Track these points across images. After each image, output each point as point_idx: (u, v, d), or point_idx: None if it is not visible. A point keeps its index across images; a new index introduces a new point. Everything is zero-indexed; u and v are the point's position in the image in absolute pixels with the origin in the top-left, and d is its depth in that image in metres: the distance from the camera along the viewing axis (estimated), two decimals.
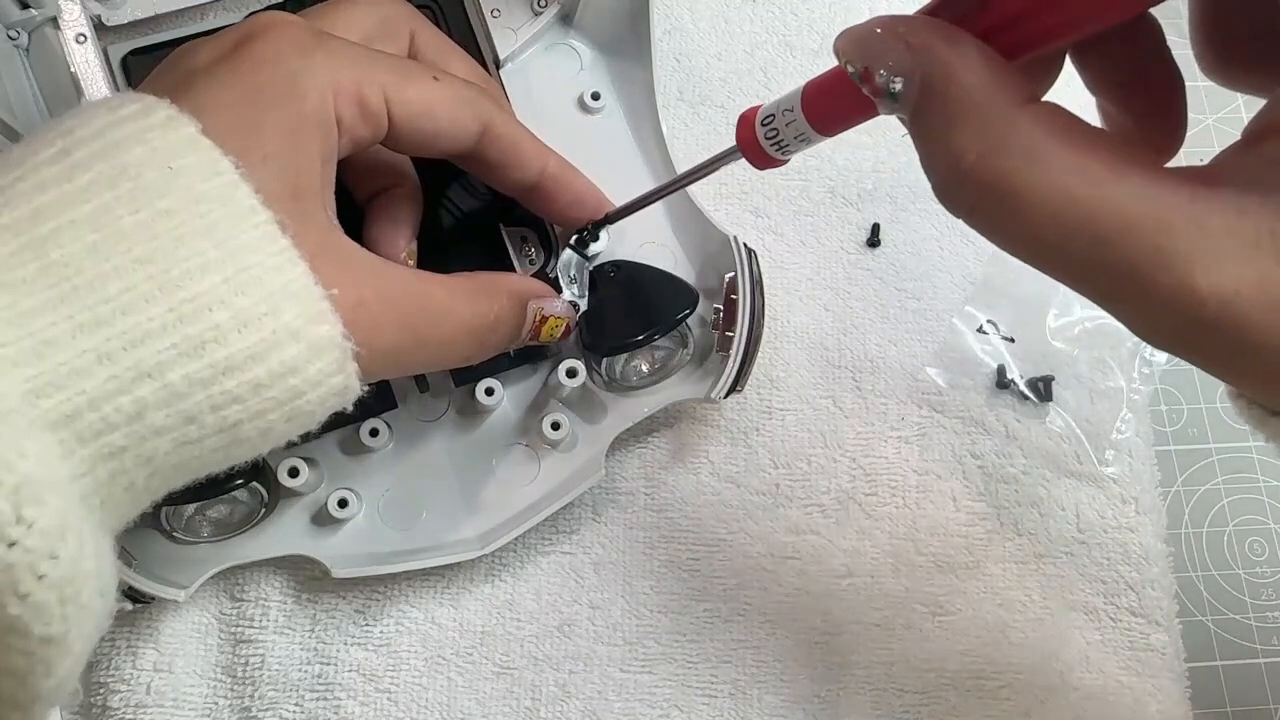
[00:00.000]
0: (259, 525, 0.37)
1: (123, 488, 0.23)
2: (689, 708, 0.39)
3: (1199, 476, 0.46)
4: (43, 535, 0.20)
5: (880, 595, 0.41)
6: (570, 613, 0.40)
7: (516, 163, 0.33)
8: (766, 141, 0.27)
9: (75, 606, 0.21)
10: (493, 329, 0.31)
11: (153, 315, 0.22)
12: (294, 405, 0.24)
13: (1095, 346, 0.44)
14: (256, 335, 0.23)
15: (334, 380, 0.25)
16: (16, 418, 0.20)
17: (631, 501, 0.41)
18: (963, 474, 0.43)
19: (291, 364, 0.24)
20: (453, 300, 0.30)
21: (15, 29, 0.37)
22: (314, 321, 0.24)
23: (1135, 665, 0.41)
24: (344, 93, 0.27)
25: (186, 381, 0.22)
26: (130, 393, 0.22)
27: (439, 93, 0.30)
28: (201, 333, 0.22)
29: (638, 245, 0.41)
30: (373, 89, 0.28)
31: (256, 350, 0.23)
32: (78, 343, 0.21)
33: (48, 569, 0.20)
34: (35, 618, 0.20)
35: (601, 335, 0.38)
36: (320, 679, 0.38)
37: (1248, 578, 0.44)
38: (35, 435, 0.20)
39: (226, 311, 0.23)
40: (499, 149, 0.33)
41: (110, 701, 0.38)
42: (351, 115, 0.28)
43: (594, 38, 0.43)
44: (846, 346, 0.44)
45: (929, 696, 0.40)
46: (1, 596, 0.19)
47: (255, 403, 0.24)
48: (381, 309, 0.27)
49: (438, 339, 0.29)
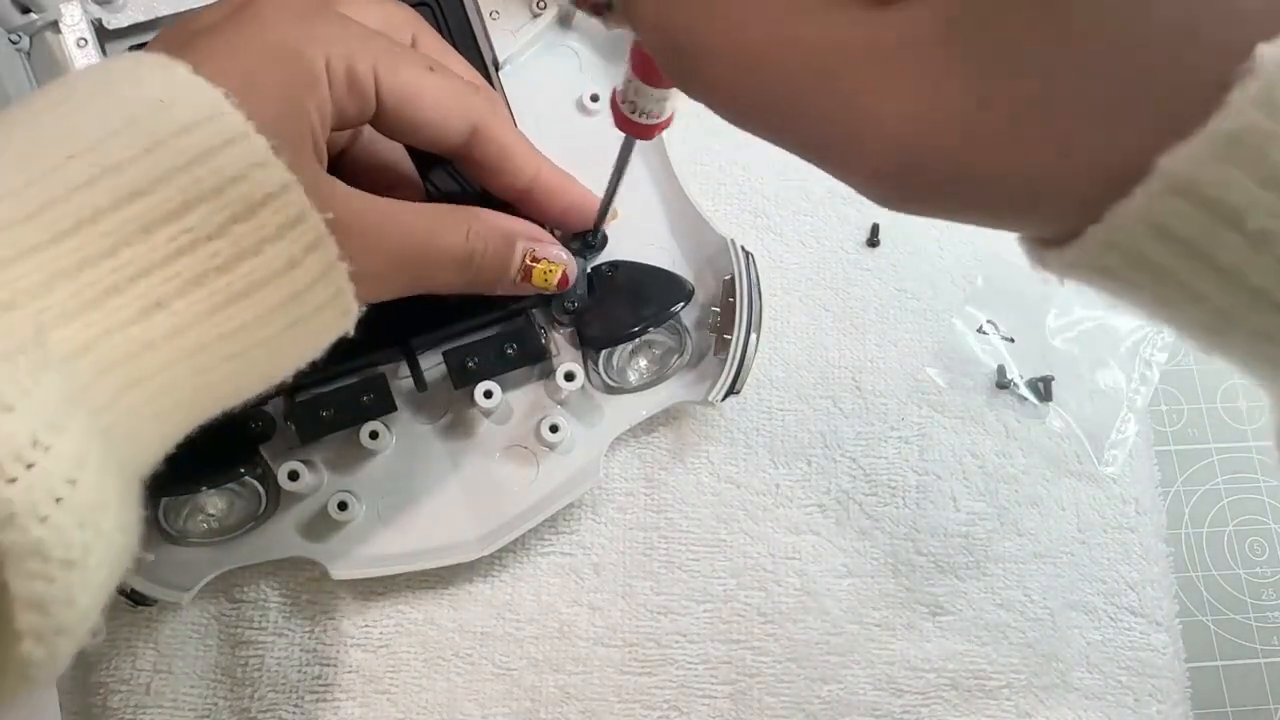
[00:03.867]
0: (259, 528, 0.38)
1: (141, 419, 0.23)
2: (689, 709, 0.39)
3: (1199, 476, 0.46)
4: (59, 460, 0.20)
5: (880, 595, 0.41)
6: (570, 614, 0.40)
7: (508, 168, 0.34)
8: (636, 115, 0.28)
9: (95, 533, 0.21)
10: (473, 256, 0.32)
11: (155, 245, 0.23)
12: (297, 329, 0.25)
13: (1095, 346, 0.44)
14: (258, 261, 0.24)
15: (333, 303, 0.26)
16: (32, 348, 0.20)
17: (631, 501, 0.41)
18: (963, 474, 0.43)
19: (294, 288, 0.25)
20: (434, 222, 0.31)
21: (16, 33, 0.37)
22: (311, 248, 0.25)
23: (1135, 665, 0.41)
24: (336, 62, 0.28)
25: (193, 309, 0.23)
26: (140, 322, 0.23)
27: (430, 82, 0.30)
28: (203, 261, 0.23)
29: (636, 247, 0.41)
30: (364, 64, 0.28)
31: (258, 276, 0.24)
32: (84, 275, 0.22)
33: (65, 493, 0.20)
34: (56, 540, 0.20)
35: (599, 330, 0.38)
36: (319, 680, 0.38)
37: (1248, 578, 0.44)
38: (52, 365, 0.21)
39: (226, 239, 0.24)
40: (489, 152, 0.33)
41: (110, 702, 0.38)
42: (340, 87, 0.28)
43: (593, 39, 0.43)
44: (846, 346, 0.44)
45: (929, 696, 0.40)
46: (21, 519, 0.20)
47: (260, 326, 0.25)
48: (370, 236, 0.28)
49: (420, 260, 0.30)
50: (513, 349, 0.37)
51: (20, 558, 0.20)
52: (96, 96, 0.24)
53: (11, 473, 0.19)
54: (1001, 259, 0.45)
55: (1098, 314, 0.45)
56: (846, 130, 0.17)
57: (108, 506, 0.22)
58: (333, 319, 0.27)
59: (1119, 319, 0.45)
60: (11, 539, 0.19)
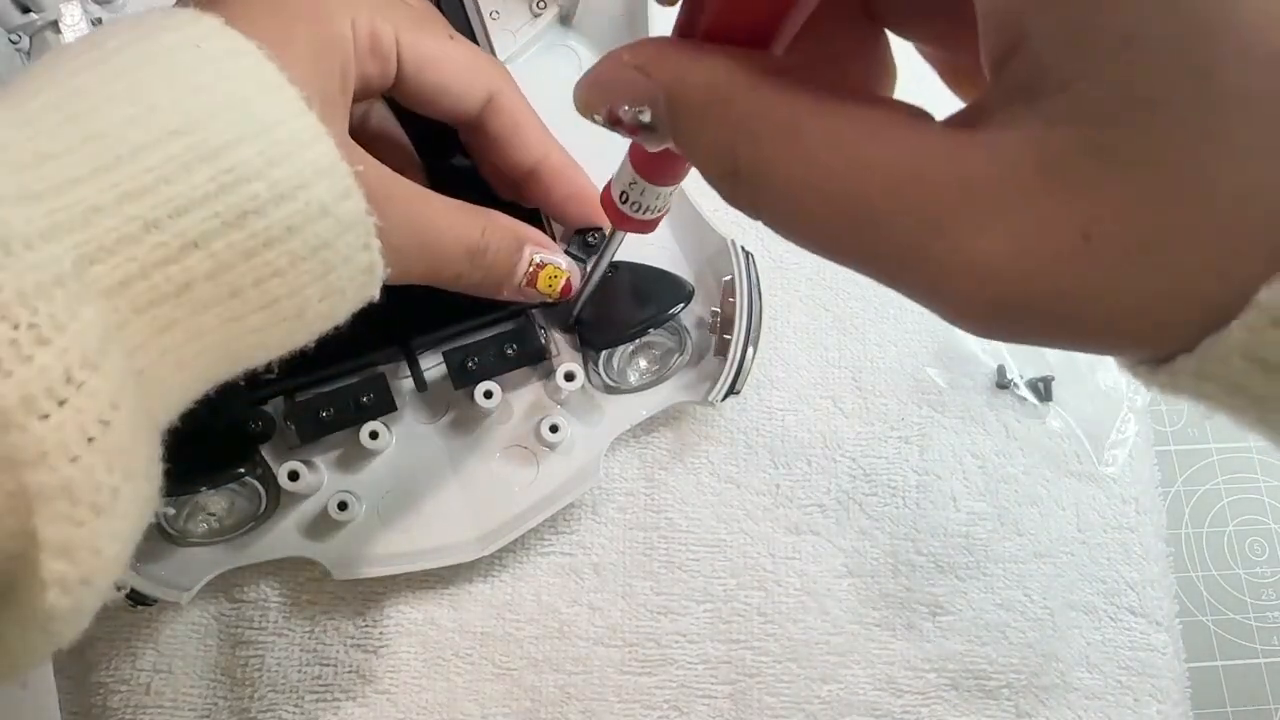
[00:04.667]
0: (260, 528, 0.38)
1: (173, 366, 0.23)
2: (689, 709, 0.39)
3: (1199, 476, 0.46)
4: (94, 398, 0.20)
5: (880, 595, 0.41)
6: (570, 614, 0.40)
7: (518, 142, 0.33)
8: (636, 213, 0.27)
9: (124, 477, 0.21)
10: (486, 252, 0.32)
11: (195, 184, 0.22)
12: (327, 281, 0.25)
13: None
14: (292, 207, 0.23)
15: (361, 257, 0.25)
16: (71, 281, 0.20)
17: (631, 502, 0.41)
18: (963, 474, 0.43)
19: (325, 237, 0.24)
20: (452, 213, 0.31)
21: (17, 33, 0.37)
22: (342, 197, 0.24)
23: (1135, 665, 0.41)
24: (361, 24, 0.28)
25: (231, 251, 0.23)
26: (179, 261, 0.22)
27: (452, 48, 0.31)
28: (242, 203, 0.23)
29: (636, 247, 0.41)
30: (387, 28, 0.29)
31: (293, 222, 0.23)
32: (124, 209, 0.21)
33: (98, 433, 0.20)
34: (86, 482, 0.19)
35: (600, 330, 0.38)
36: (319, 680, 0.38)
37: (1248, 578, 0.44)
38: (91, 300, 0.20)
39: (263, 183, 0.23)
40: (503, 124, 0.33)
41: (110, 702, 0.38)
42: (363, 49, 0.28)
43: (593, 39, 0.43)
44: (846, 346, 0.44)
45: (929, 696, 0.40)
46: (52, 458, 0.19)
47: (293, 276, 0.24)
48: (390, 207, 0.27)
49: (436, 246, 0.30)
50: (513, 349, 0.37)
51: (49, 499, 0.19)
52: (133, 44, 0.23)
53: (44, 409, 0.19)
54: None
55: None
56: (935, 265, 0.16)
57: (138, 452, 0.21)
58: (363, 287, 0.26)
59: None
60: (41, 480, 0.19)
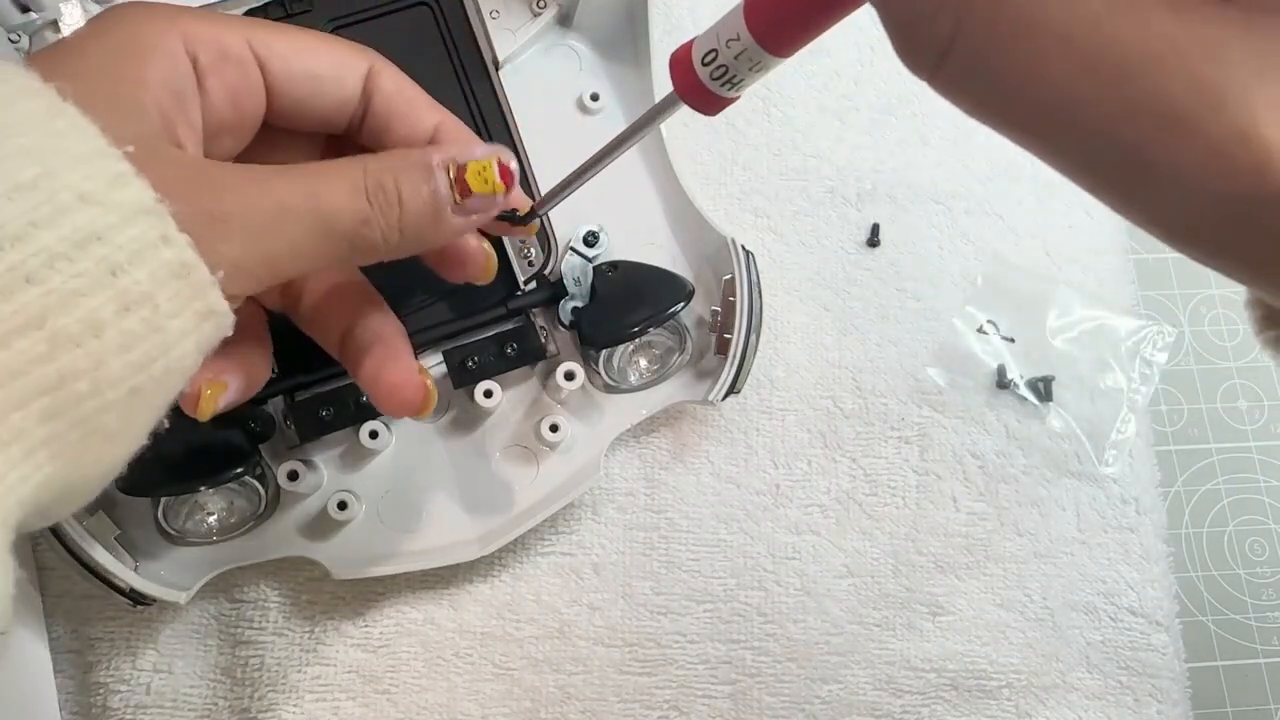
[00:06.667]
0: (259, 527, 0.38)
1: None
2: (689, 709, 0.39)
3: (1199, 476, 0.46)
4: None
5: (880, 595, 0.41)
6: (570, 614, 0.40)
7: (409, 111, 0.30)
8: (714, 81, 0.22)
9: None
10: (382, 188, 0.26)
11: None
12: (119, 288, 0.21)
13: (1095, 346, 0.44)
14: (33, 199, 0.20)
15: (164, 253, 0.22)
16: None
17: (631, 501, 0.41)
18: (963, 474, 0.43)
19: (90, 229, 0.21)
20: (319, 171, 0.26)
21: (16, 32, 0.37)
22: (110, 185, 0.21)
23: (1135, 665, 0.41)
24: (198, 39, 0.27)
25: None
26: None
27: (310, 38, 0.29)
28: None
29: (636, 246, 0.41)
30: (233, 37, 0.27)
31: (36, 217, 0.20)
32: None
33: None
34: None
35: (600, 329, 0.38)
36: (319, 680, 0.38)
37: (1248, 578, 0.44)
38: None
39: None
40: (389, 92, 0.30)
41: (110, 702, 0.38)
42: (210, 57, 0.27)
43: (593, 38, 0.43)
44: (846, 346, 0.44)
45: (929, 696, 0.40)
46: None
47: (58, 281, 0.20)
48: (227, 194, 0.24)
49: (315, 208, 0.25)
50: (513, 349, 0.37)
51: None
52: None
53: None
54: (1002, 259, 0.45)
55: (1098, 314, 0.45)
56: (1212, 141, 0.13)
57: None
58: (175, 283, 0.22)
59: (1119, 319, 0.45)
60: None
